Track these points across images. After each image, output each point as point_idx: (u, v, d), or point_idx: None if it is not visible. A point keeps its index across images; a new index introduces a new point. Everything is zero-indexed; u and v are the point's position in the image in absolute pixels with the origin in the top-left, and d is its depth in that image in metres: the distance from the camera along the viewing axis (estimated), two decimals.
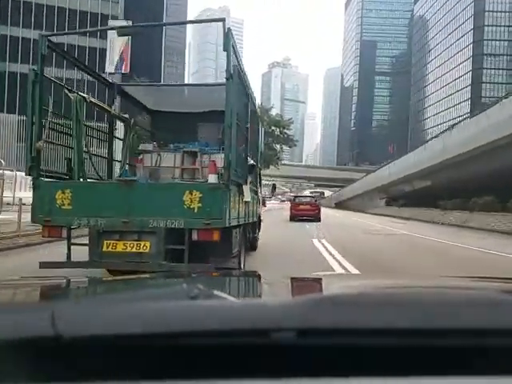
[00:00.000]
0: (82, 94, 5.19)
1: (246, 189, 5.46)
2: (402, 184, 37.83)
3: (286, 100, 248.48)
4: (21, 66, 40.40)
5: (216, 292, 0.83)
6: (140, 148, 6.66)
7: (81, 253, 4.77)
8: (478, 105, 72.42)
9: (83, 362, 0.59)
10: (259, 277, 1.37)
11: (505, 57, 75.89)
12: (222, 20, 4.33)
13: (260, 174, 9.53)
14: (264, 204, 14.02)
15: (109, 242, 4.48)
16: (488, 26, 75.75)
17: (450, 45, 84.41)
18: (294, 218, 21.84)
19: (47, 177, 4.81)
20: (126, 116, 6.49)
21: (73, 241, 4.86)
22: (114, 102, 6.15)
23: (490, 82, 76.16)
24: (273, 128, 40.24)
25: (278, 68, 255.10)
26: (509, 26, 75.39)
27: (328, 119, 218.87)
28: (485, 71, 77.02)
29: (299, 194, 33.99)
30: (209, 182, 4.60)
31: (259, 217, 9.32)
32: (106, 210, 4.44)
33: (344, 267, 7.03)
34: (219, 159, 5.71)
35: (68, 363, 0.59)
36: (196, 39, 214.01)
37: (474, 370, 0.60)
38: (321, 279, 1.43)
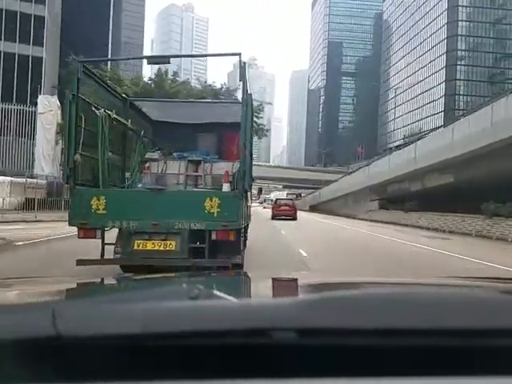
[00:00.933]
0: (107, 110, 6.05)
1: (249, 195, 6.48)
2: (409, 181, 29.03)
3: (253, 101, 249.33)
4: None
5: (215, 292, 0.87)
6: (147, 156, 7.53)
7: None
8: (448, 105, 74.85)
9: (83, 361, 0.61)
10: (256, 277, 1.43)
11: (479, 53, 76.75)
12: (238, 54, 5.32)
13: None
14: None
15: (139, 241, 5.39)
16: (462, 21, 76.64)
17: (419, 44, 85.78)
18: (274, 217, 26.81)
19: (78, 185, 5.65)
20: (136, 128, 7.35)
21: None
22: (128, 116, 7.01)
23: (463, 79, 77.03)
24: None
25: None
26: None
27: (294, 122, 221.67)
28: (458, 69, 77.65)
29: (280, 197, 40.49)
30: (223, 190, 5.61)
31: (250, 218, 10.42)
32: (137, 214, 5.34)
33: None
34: (221, 167, 6.75)
35: (68, 363, 0.61)
36: (159, 34, 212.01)
37: (474, 370, 0.62)
38: (319, 280, 1.50)
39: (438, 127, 57.04)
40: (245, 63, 5.28)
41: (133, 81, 33.53)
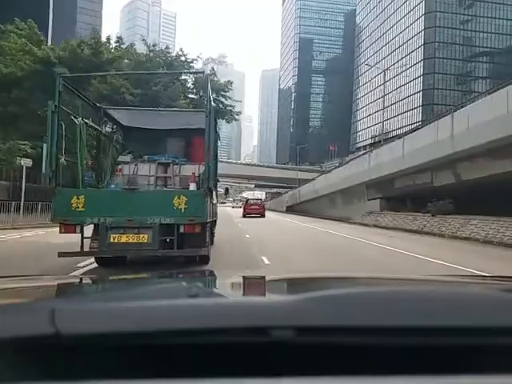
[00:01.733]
0: (84, 119, 6.90)
1: (215, 194, 7.46)
2: (434, 172, 20.60)
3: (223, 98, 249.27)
4: None
5: (213, 290, 0.92)
6: (119, 159, 8.40)
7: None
8: (427, 99, 74.83)
9: (82, 360, 0.63)
10: (253, 276, 1.46)
11: (455, 46, 76.96)
12: (202, 72, 6.31)
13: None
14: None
15: (115, 235, 6.27)
16: (438, 11, 76.70)
17: (390, 40, 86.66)
18: (245, 215, 30.97)
19: (59, 186, 6.48)
20: (110, 133, 8.21)
21: None
22: (102, 123, 7.86)
23: (439, 73, 77.00)
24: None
25: (213, 65, 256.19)
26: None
27: (265, 122, 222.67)
28: (433, 62, 77.06)
29: (250, 198, 45.36)
30: (190, 189, 6.56)
31: (217, 215, 11.42)
32: (113, 211, 6.22)
33: None
34: (189, 169, 7.72)
35: (67, 361, 0.63)
36: (124, 29, 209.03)
37: (472, 369, 0.64)
38: (316, 277, 1.54)
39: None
40: (207, 76, 6.26)
41: (59, 45, 28.29)
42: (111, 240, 6.25)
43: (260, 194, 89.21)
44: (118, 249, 6.30)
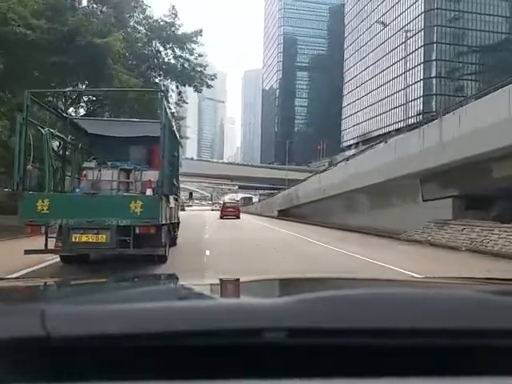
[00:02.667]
0: (50, 129, 7.80)
1: (171, 198, 8.41)
2: None
3: (205, 99, 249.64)
4: None
5: (205, 292, 0.94)
6: (84, 165, 9.28)
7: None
8: (416, 94, 71.97)
9: (74, 362, 0.64)
10: (246, 278, 1.49)
11: (447, 46, 74.29)
12: (158, 91, 7.27)
13: (179, 185, 12.69)
14: (183, 209, 17.20)
15: (76, 235, 7.15)
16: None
17: (377, 33, 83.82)
18: (222, 217, 34.02)
19: (26, 190, 7.36)
20: (75, 141, 9.11)
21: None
22: (67, 132, 8.76)
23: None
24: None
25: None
26: None
27: (248, 123, 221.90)
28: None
29: (227, 201, 45.97)
30: (146, 194, 7.51)
31: (178, 219, 12.38)
32: (74, 214, 7.11)
33: None
34: (149, 175, 8.66)
35: (58, 364, 0.64)
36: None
37: (471, 371, 0.65)
38: (310, 279, 1.60)
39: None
40: (163, 95, 7.24)
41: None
42: (73, 240, 7.13)
43: (241, 198, 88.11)
44: (79, 247, 7.20)
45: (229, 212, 35.09)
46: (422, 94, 74.32)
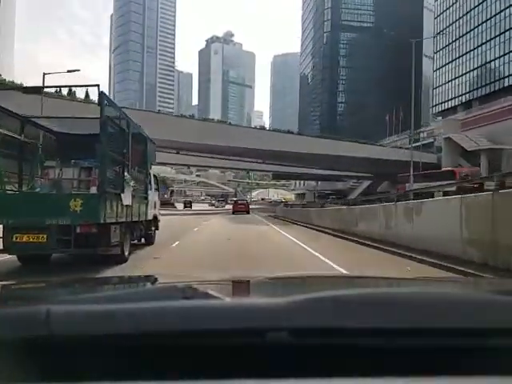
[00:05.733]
0: (3, 130, 8.63)
1: (125, 196, 9.09)
2: None
3: (230, 83, 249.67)
4: None
5: (208, 292, 1.00)
6: (45, 164, 10.10)
7: None
8: None
9: (76, 361, 0.70)
10: (248, 277, 1.57)
11: None
12: (97, 85, 7.95)
13: (156, 182, 13.54)
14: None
15: (17, 235, 7.89)
16: None
17: None
18: (234, 212, 43.61)
19: None
20: (33, 140, 9.92)
21: None
22: (25, 131, 9.58)
23: None
24: None
25: (218, 44, 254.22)
26: None
27: (276, 116, 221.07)
28: None
29: (237, 199, 56.47)
30: (90, 192, 8.21)
31: (155, 217, 13.13)
32: (15, 213, 7.86)
33: None
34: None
35: (61, 363, 0.70)
36: (118, 7, 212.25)
37: (472, 371, 0.70)
38: (312, 277, 1.76)
39: None
40: (102, 93, 7.90)
41: None
42: (14, 239, 7.85)
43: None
44: (21, 247, 7.93)
45: (239, 208, 44.78)
46: None
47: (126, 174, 9.40)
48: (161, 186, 17.29)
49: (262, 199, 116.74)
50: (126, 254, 9.62)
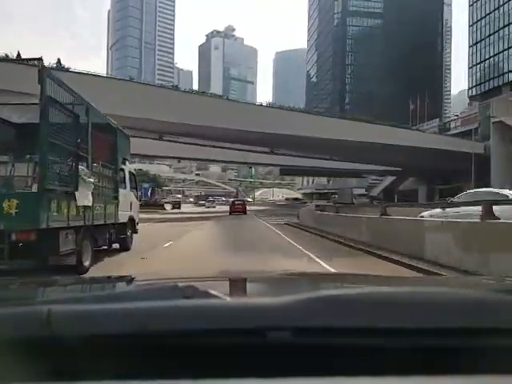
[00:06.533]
0: None
1: (81, 195, 7.76)
2: None
3: (231, 80, 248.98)
4: None
5: (209, 291, 1.00)
6: None
7: None
8: None
9: (77, 361, 0.71)
10: (249, 276, 1.59)
11: None
12: (39, 59, 6.59)
13: (134, 180, 12.26)
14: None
15: None
16: None
17: None
18: (231, 212, 44.71)
19: None
20: None
21: None
22: None
23: None
24: None
25: (219, 38, 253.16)
26: None
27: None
28: None
29: (234, 199, 58.44)
30: (32, 190, 6.86)
31: (132, 219, 11.79)
32: None
33: None
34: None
35: (62, 362, 0.71)
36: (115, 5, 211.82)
37: (472, 370, 0.71)
38: (313, 275, 1.77)
39: None
40: (43, 67, 6.55)
41: None
42: None
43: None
44: None
45: (236, 208, 46.54)
46: None
47: (82, 168, 8.08)
48: (151, 185, 16.30)
49: (272, 201, 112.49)
50: (87, 263, 8.30)
